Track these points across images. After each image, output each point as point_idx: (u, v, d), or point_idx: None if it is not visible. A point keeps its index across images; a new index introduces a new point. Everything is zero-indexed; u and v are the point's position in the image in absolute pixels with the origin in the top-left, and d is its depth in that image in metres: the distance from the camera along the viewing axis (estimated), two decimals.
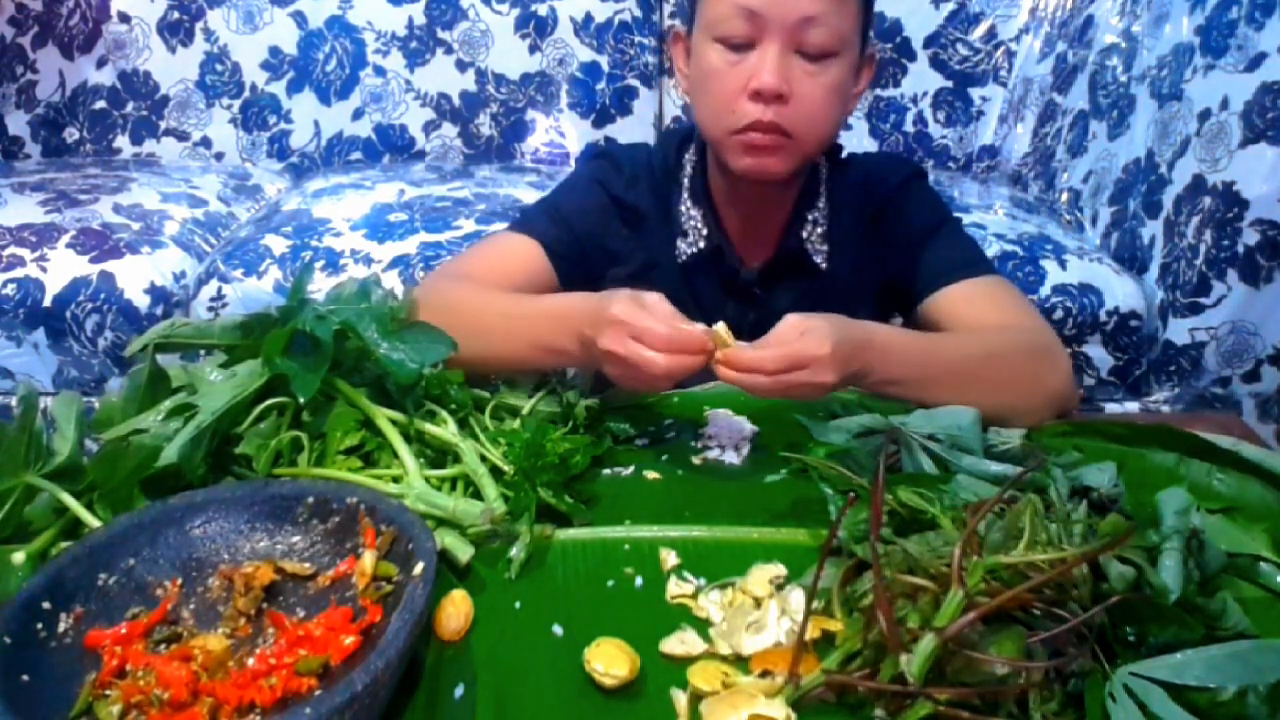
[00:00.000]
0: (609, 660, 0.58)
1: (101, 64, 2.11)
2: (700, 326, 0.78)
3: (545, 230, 1.02)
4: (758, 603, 0.65)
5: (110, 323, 1.54)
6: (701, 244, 1.03)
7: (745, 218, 1.03)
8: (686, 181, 1.05)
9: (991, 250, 1.55)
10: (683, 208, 1.04)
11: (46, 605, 0.60)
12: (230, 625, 0.62)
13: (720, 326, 0.77)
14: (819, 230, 1.03)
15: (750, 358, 0.75)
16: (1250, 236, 1.42)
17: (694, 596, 0.66)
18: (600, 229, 1.05)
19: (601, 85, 2.11)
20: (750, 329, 1.06)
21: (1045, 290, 1.52)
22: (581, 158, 2.10)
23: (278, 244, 1.62)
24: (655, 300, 0.79)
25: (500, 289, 0.96)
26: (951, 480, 0.72)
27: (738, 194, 1.02)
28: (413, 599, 0.58)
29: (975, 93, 2.08)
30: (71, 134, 2.14)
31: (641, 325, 0.76)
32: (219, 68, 2.11)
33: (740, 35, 0.90)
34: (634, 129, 2.12)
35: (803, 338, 0.76)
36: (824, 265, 1.04)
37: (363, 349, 0.80)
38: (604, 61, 2.10)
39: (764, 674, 0.59)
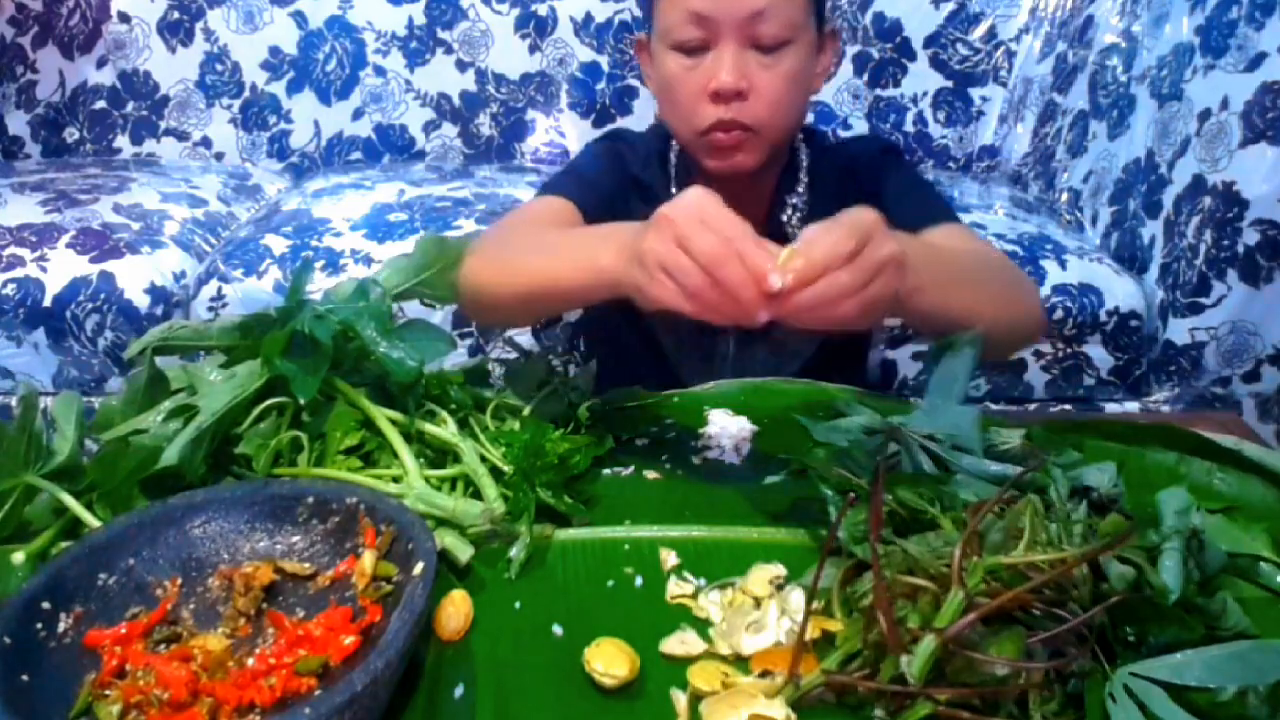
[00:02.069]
0: (609, 660, 0.58)
1: (101, 64, 2.11)
2: (768, 256, 0.64)
3: (577, 193, 1.02)
4: (758, 603, 0.65)
5: (110, 323, 1.54)
6: None
7: (728, 205, 1.04)
8: (673, 171, 1.06)
9: None
10: (674, 189, 1.06)
11: (46, 605, 0.60)
12: (230, 625, 0.62)
13: (788, 250, 0.65)
14: (799, 215, 1.04)
15: (823, 254, 0.64)
16: (1250, 236, 1.42)
17: (694, 596, 0.66)
18: (622, 200, 1.06)
19: (601, 85, 2.11)
20: None
21: (1045, 290, 1.52)
22: (586, 144, 2.10)
23: (278, 244, 1.62)
24: (719, 212, 0.67)
25: None
26: (951, 480, 0.72)
27: (717, 184, 1.02)
28: (413, 599, 0.58)
29: (975, 93, 2.08)
30: (71, 134, 2.14)
31: (689, 231, 0.65)
32: (219, 68, 2.11)
33: (694, 39, 0.91)
34: (634, 129, 2.12)
35: (849, 223, 0.66)
36: None
37: (363, 349, 0.80)
38: (604, 61, 2.10)
39: (764, 674, 0.59)
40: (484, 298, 0.87)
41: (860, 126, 2.09)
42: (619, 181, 1.07)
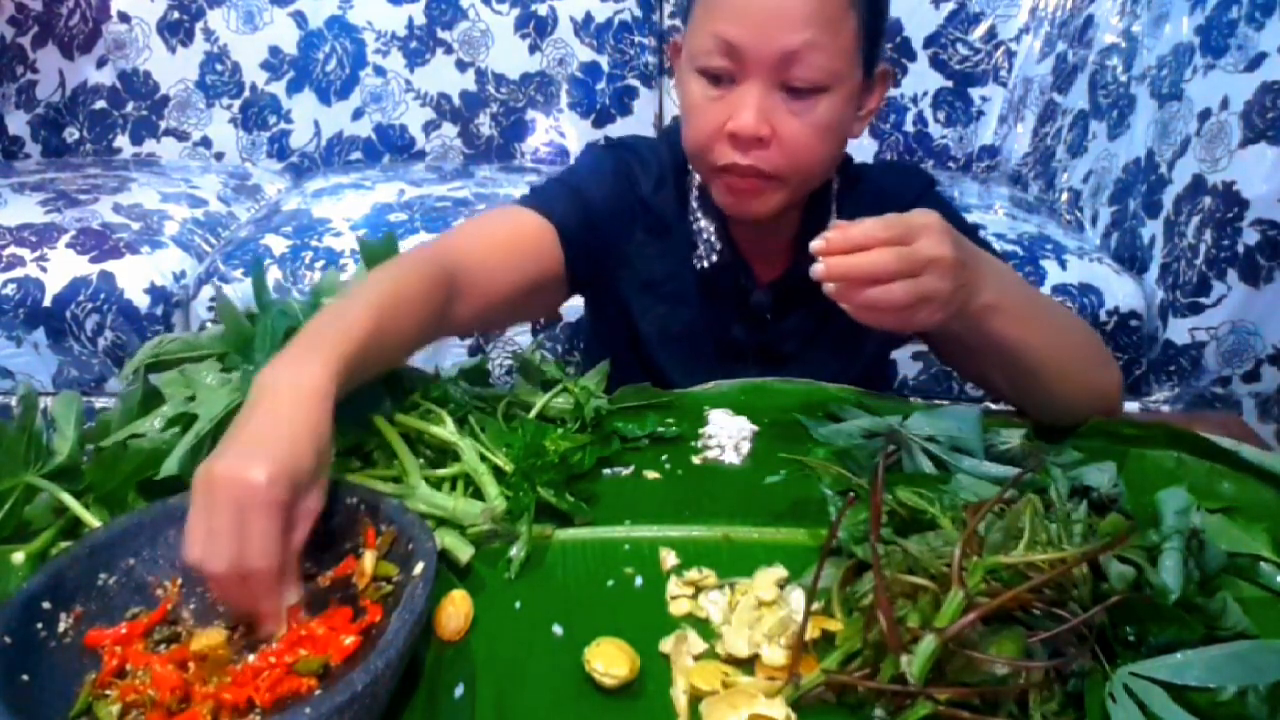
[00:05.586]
0: (609, 660, 0.58)
1: (101, 64, 2.11)
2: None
3: (564, 212, 0.93)
4: (759, 603, 0.65)
5: (110, 323, 1.55)
6: (714, 258, 0.97)
7: (753, 235, 0.97)
8: (696, 191, 0.97)
9: None
10: (694, 218, 0.98)
11: (46, 605, 0.60)
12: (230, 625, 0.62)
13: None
14: None
15: (860, 231, 0.66)
16: (1250, 236, 1.42)
17: (694, 596, 0.66)
18: (621, 229, 0.97)
19: (601, 85, 2.11)
20: (757, 350, 1.01)
21: (1045, 290, 1.52)
22: (590, 148, 2.09)
23: (278, 244, 1.62)
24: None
25: (497, 267, 0.87)
26: (951, 480, 0.72)
27: (738, 219, 0.95)
28: (413, 599, 0.58)
29: (975, 93, 2.08)
30: (71, 134, 2.14)
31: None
32: (219, 68, 2.12)
33: (721, 69, 0.83)
34: (634, 129, 2.12)
35: (901, 216, 0.67)
36: None
37: None
38: (604, 61, 2.10)
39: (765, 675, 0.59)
40: None
41: None
42: (623, 205, 0.97)
